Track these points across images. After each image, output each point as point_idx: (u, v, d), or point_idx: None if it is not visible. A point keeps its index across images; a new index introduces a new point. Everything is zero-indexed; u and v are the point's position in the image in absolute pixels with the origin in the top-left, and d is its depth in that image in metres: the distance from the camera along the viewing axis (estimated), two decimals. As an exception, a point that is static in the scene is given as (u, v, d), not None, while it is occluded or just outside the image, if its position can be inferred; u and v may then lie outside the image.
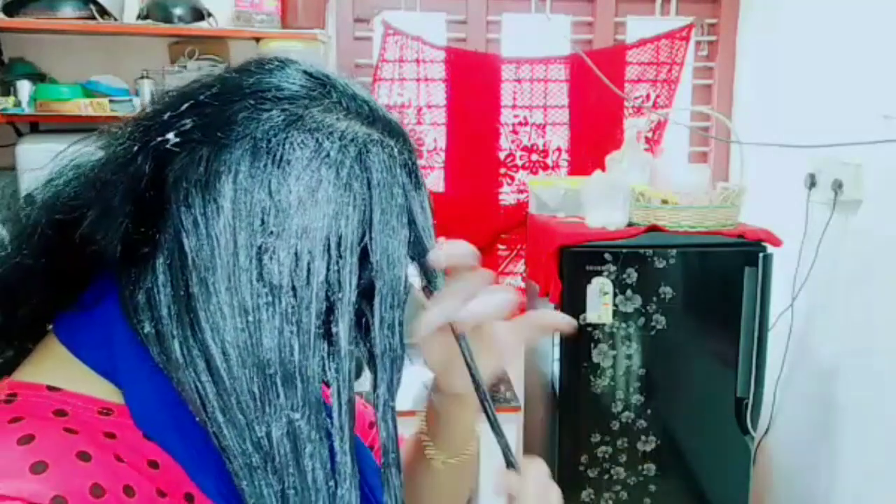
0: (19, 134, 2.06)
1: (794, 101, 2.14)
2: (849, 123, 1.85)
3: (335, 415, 0.48)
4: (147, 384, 0.47)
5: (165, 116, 0.47)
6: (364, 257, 0.48)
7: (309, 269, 0.45)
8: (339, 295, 0.47)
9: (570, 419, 1.92)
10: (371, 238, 0.48)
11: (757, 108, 2.36)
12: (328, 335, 0.47)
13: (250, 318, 0.45)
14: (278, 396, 0.45)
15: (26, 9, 1.88)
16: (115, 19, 1.97)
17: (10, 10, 1.88)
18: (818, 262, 1.96)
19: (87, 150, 0.49)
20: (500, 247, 2.50)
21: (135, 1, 2.03)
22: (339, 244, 0.46)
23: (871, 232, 1.82)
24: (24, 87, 1.95)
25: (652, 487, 1.94)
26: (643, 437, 1.92)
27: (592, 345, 1.87)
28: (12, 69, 2.03)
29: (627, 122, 2.37)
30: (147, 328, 0.46)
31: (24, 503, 0.39)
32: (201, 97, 0.48)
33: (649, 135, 2.44)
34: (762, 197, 2.10)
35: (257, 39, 2.04)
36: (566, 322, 0.61)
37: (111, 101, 1.95)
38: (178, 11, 1.96)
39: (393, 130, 0.51)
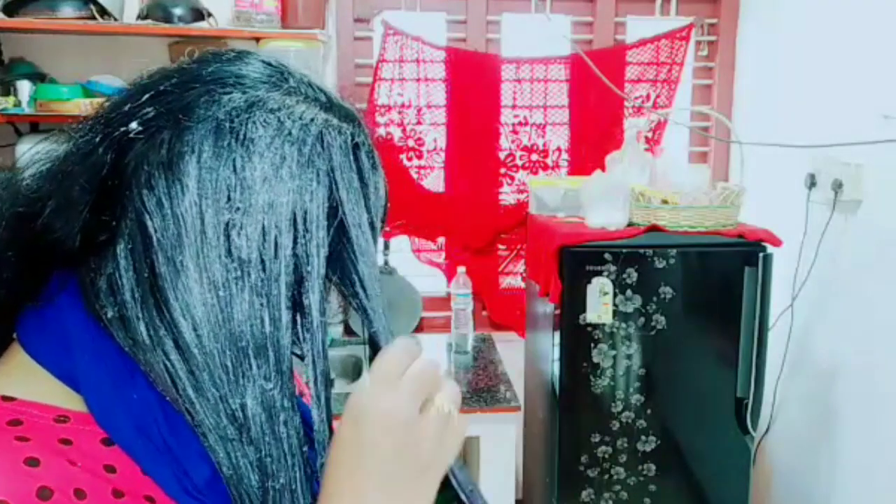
0: (19, 134, 2.06)
1: (794, 100, 2.14)
2: (849, 123, 1.85)
3: (311, 385, 0.49)
4: (108, 386, 0.47)
5: (126, 108, 0.48)
6: (337, 231, 0.50)
7: (276, 244, 0.47)
8: (309, 268, 0.48)
9: (570, 419, 1.92)
10: (345, 213, 0.50)
11: (757, 108, 2.36)
12: (301, 307, 0.49)
13: (221, 293, 0.46)
14: (251, 368, 0.47)
15: (26, 9, 1.88)
16: (115, 19, 1.97)
17: (10, 10, 1.89)
18: (818, 262, 1.96)
19: (52, 147, 0.50)
20: (500, 247, 2.50)
21: (135, 1, 2.04)
22: (305, 219, 0.48)
23: (871, 232, 1.82)
24: (24, 87, 1.96)
25: (652, 487, 1.94)
26: (643, 437, 1.92)
27: (592, 345, 1.87)
28: (12, 69, 2.03)
29: (627, 122, 2.37)
30: (110, 313, 0.46)
31: None
32: (161, 87, 0.49)
33: (649, 135, 2.44)
34: (762, 197, 2.10)
35: (257, 39, 2.04)
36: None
37: (111, 101, 1.95)
38: (178, 11, 1.96)
39: (349, 115, 0.53)
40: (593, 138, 2.41)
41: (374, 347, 0.53)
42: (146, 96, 0.48)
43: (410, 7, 2.33)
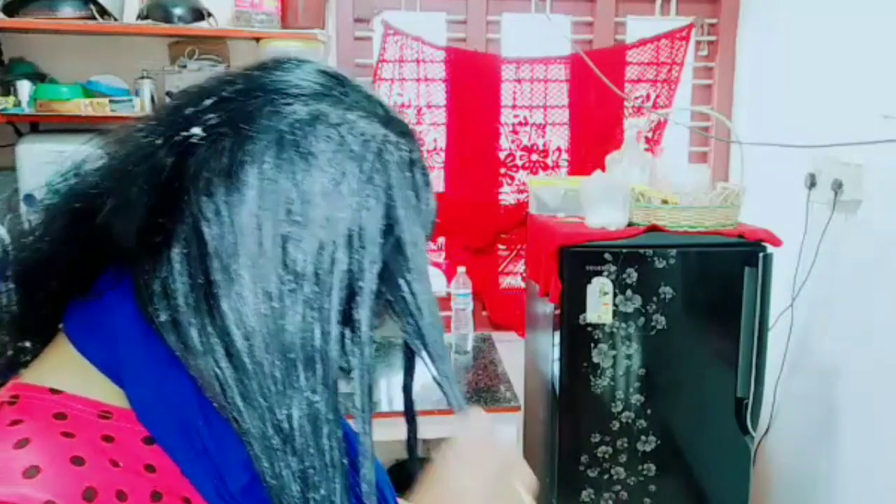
0: (19, 134, 2.06)
1: (794, 101, 2.14)
2: (849, 123, 1.85)
3: (357, 398, 0.50)
4: (152, 384, 0.48)
5: (188, 111, 0.48)
6: (391, 248, 0.50)
7: (332, 258, 0.47)
8: (361, 284, 0.48)
9: (570, 419, 1.92)
10: (402, 231, 0.50)
11: (757, 108, 2.36)
12: (350, 322, 0.49)
13: (274, 304, 0.46)
14: (299, 379, 0.47)
15: (26, 9, 1.88)
16: (115, 19, 1.97)
17: (10, 10, 1.88)
18: (818, 262, 1.96)
19: (112, 143, 0.50)
20: (500, 247, 2.50)
21: (135, 1, 2.04)
22: (360, 235, 0.48)
23: (871, 232, 1.82)
24: (24, 87, 1.96)
25: (652, 487, 1.94)
26: (643, 437, 1.92)
27: (592, 345, 1.87)
28: (12, 69, 2.03)
29: (627, 122, 2.37)
30: (163, 317, 0.47)
31: None
32: (223, 93, 0.49)
33: (649, 135, 2.44)
34: (762, 197, 2.10)
35: (257, 39, 2.04)
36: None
37: (111, 101, 1.95)
38: (178, 11, 1.96)
39: (405, 131, 0.53)
40: (593, 138, 2.41)
41: (411, 361, 0.56)
42: (209, 102, 0.48)
43: (410, 7, 2.33)
